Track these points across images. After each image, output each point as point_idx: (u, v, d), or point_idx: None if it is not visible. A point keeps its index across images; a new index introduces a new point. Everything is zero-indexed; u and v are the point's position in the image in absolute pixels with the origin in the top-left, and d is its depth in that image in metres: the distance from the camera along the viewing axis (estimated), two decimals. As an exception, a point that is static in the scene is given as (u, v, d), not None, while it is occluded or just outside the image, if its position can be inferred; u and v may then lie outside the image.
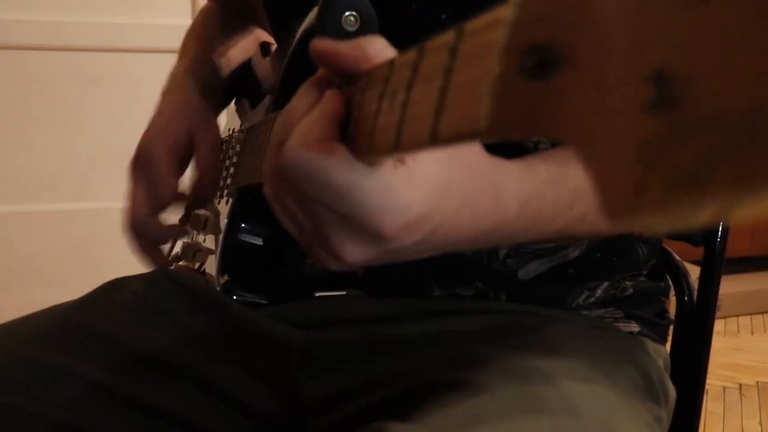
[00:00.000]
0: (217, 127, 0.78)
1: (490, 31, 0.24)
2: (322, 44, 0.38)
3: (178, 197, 0.76)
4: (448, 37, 0.28)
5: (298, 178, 0.36)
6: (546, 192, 0.45)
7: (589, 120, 0.20)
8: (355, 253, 0.38)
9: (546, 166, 0.46)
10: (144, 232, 0.75)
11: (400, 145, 0.30)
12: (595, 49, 0.19)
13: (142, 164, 0.75)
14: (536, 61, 0.22)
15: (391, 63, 0.33)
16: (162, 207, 0.75)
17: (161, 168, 0.73)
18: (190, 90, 0.80)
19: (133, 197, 0.75)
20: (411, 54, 0.30)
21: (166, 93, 0.81)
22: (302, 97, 0.40)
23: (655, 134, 0.17)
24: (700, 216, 0.17)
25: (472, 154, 0.40)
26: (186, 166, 0.77)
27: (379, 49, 0.37)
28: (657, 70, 0.17)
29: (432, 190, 0.37)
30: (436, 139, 0.27)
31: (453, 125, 0.26)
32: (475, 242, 0.43)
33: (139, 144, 0.76)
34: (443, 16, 0.60)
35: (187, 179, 0.78)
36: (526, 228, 0.45)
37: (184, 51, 0.88)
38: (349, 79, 0.38)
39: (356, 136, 0.35)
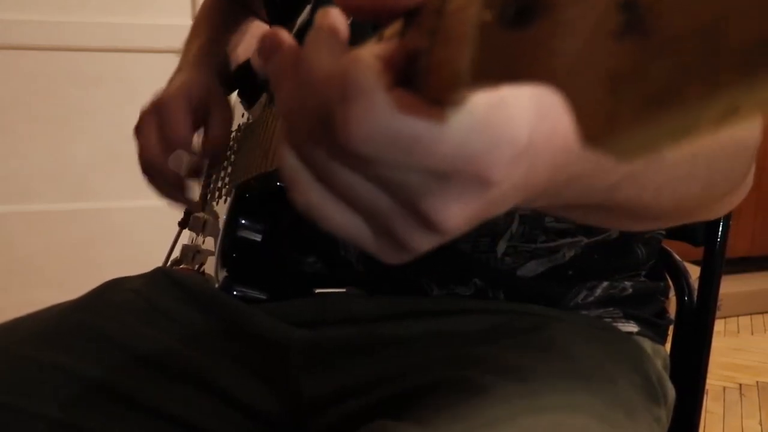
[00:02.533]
0: (230, 106, 0.78)
1: None
2: None
3: (189, 145, 0.74)
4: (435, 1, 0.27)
5: (374, 150, 0.28)
6: None
7: (570, 61, 0.21)
8: (456, 214, 0.31)
9: None
10: (159, 171, 0.74)
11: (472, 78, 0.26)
12: None
13: (156, 108, 0.74)
14: (517, 9, 0.22)
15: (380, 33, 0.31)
16: (173, 147, 0.74)
17: (177, 112, 0.73)
18: (206, 72, 0.80)
19: (145, 136, 0.74)
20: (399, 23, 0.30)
21: (182, 69, 0.81)
22: (319, 54, 0.31)
23: (627, 61, 0.18)
24: (674, 134, 0.18)
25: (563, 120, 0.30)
26: (198, 127, 0.76)
27: None
28: None
29: (527, 113, 0.30)
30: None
31: (437, 80, 0.26)
32: (551, 184, 0.35)
33: (156, 95, 0.76)
34: None
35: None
36: (585, 172, 0.36)
37: (196, 33, 0.88)
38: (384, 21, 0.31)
39: (427, 71, 0.28)
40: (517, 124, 0.29)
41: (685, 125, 0.18)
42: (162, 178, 0.73)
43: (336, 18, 0.31)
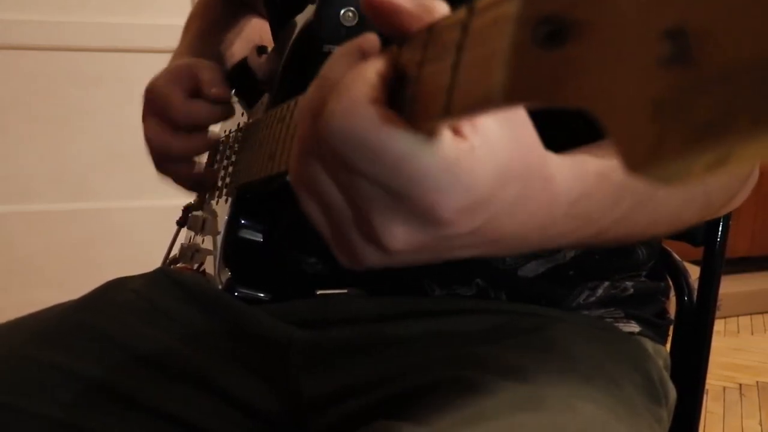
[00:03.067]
0: (219, 67, 0.78)
1: (500, 5, 0.25)
2: None
3: (190, 117, 0.74)
4: (460, 14, 0.28)
5: (342, 147, 0.31)
6: (596, 188, 0.41)
7: (605, 83, 0.20)
8: (399, 237, 0.33)
9: (594, 159, 0.42)
10: (171, 157, 0.74)
11: (451, 110, 0.28)
12: (607, 15, 0.20)
13: (147, 99, 0.75)
14: (548, 31, 0.22)
15: (444, 22, 0.31)
16: (177, 124, 0.74)
17: (170, 95, 0.73)
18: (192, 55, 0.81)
19: (149, 130, 0.74)
20: (461, 13, 0.29)
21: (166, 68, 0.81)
22: (338, 61, 0.34)
23: (671, 90, 0.18)
24: (718, 164, 0.18)
25: (531, 142, 0.35)
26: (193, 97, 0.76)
27: (442, 7, 0.33)
28: (674, 25, 0.18)
29: (494, 172, 0.32)
30: (450, 112, 0.27)
31: (468, 96, 0.27)
32: (522, 241, 0.38)
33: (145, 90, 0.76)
34: None
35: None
36: (572, 230, 0.41)
37: (185, 33, 0.88)
38: (396, 40, 0.34)
39: (413, 99, 0.31)
40: (478, 176, 0.31)
41: (724, 157, 0.17)
42: (174, 163, 0.74)
43: (367, 42, 0.34)
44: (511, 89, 0.24)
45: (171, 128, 0.73)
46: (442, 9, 0.32)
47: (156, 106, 0.74)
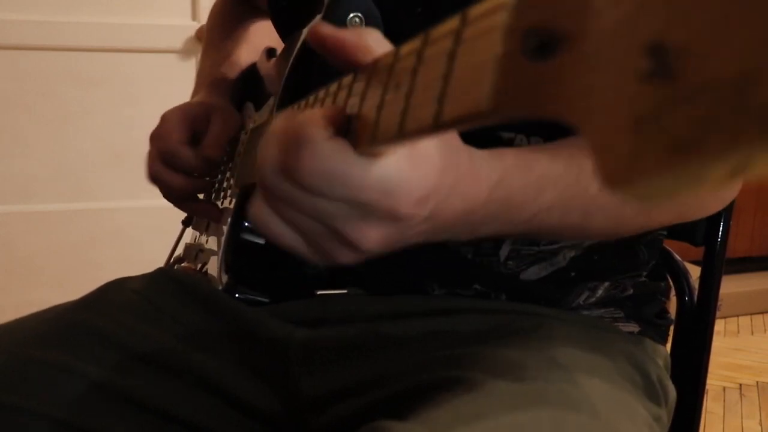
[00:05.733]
0: (236, 114, 0.78)
1: (492, 16, 0.25)
2: (326, 30, 0.38)
3: (186, 162, 0.74)
4: (453, 23, 0.29)
5: (307, 178, 0.37)
6: (513, 176, 0.47)
7: (588, 96, 0.20)
8: (372, 238, 0.40)
9: (513, 152, 0.49)
10: (158, 182, 0.74)
11: (404, 134, 0.31)
12: (590, 28, 0.20)
13: (159, 126, 0.75)
14: (537, 43, 0.22)
15: (395, 53, 0.34)
16: (169, 160, 0.73)
17: (171, 133, 0.73)
18: (215, 93, 0.81)
19: (150, 153, 0.74)
20: (416, 42, 0.31)
21: (198, 93, 0.83)
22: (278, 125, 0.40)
23: (650, 105, 0.18)
24: (695, 181, 0.18)
25: (453, 138, 0.42)
26: (197, 141, 0.76)
27: (378, 40, 0.38)
28: (654, 41, 0.18)
29: (434, 166, 0.39)
30: (439, 123, 0.28)
31: (457, 108, 0.27)
32: (462, 223, 0.45)
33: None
34: (418, 9, 0.61)
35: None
36: (497, 212, 0.47)
37: (209, 48, 0.89)
38: (349, 70, 0.38)
39: (359, 130, 0.36)
40: (424, 173, 0.39)
41: (698, 176, 0.17)
42: (167, 189, 0.74)
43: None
44: (499, 100, 0.25)
45: (162, 160, 0.73)
46: (376, 39, 0.38)
47: (158, 134, 0.74)
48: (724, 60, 0.16)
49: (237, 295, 0.67)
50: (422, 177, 0.39)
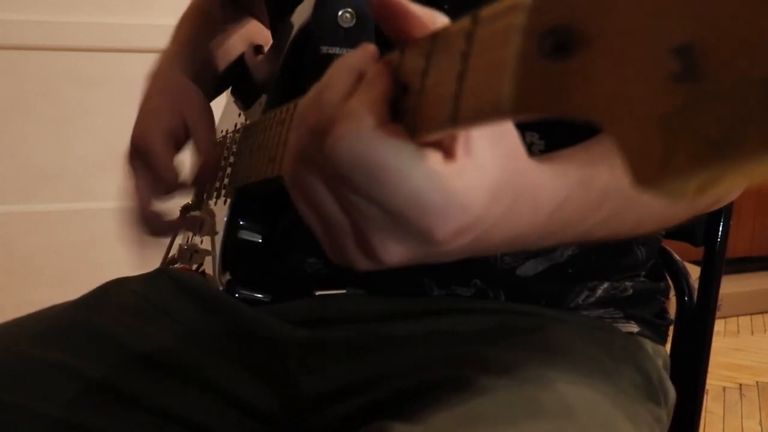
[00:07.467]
0: (208, 106, 0.77)
1: (508, 16, 0.25)
2: None
3: (180, 184, 0.74)
4: (464, 23, 0.28)
5: (349, 170, 0.33)
6: (575, 197, 0.43)
7: (611, 95, 0.20)
8: (394, 253, 0.36)
9: (576, 167, 0.45)
10: (152, 222, 0.73)
11: (458, 119, 0.29)
12: (612, 29, 0.20)
13: (139, 154, 0.74)
14: (554, 43, 0.22)
15: (446, 30, 0.31)
16: (166, 193, 0.74)
17: (159, 155, 0.72)
18: (177, 72, 0.79)
19: (136, 189, 0.74)
20: (466, 22, 0.29)
21: (153, 75, 0.80)
22: (339, 76, 0.35)
23: (679, 105, 0.18)
24: (726, 180, 0.18)
25: (519, 154, 0.37)
26: (181, 149, 0.76)
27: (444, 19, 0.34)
28: (683, 42, 0.18)
29: (487, 192, 0.34)
30: (455, 120, 0.28)
31: (476, 105, 0.27)
32: (506, 247, 0.41)
33: (132, 135, 0.75)
34: (445, 6, 0.60)
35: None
36: (554, 233, 0.44)
37: (176, 33, 0.87)
38: (399, 45, 0.34)
39: (416, 109, 0.32)
40: (472, 198, 0.33)
41: (731, 172, 0.17)
42: (155, 228, 0.74)
43: (367, 53, 0.36)
44: (519, 100, 0.25)
45: (158, 194, 0.73)
46: (445, 20, 0.33)
47: (145, 161, 0.73)
48: (752, 59, 0.16)
49: (237, 294, 0.67)
50: (468, 205, 0.33)
